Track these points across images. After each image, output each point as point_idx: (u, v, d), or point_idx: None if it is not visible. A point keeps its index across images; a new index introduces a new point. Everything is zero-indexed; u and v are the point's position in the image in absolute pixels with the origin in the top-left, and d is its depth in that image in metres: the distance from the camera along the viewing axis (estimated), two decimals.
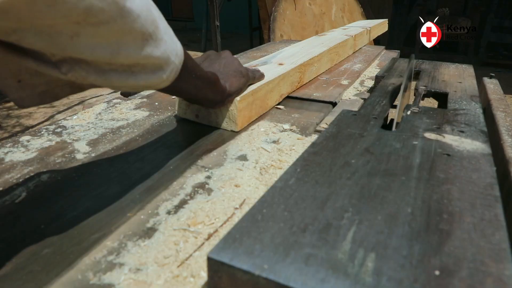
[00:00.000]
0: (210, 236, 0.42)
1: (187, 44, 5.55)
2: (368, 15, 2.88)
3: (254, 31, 4.79)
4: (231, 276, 0.30)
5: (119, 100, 0.85)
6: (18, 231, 0.43)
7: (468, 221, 0.34)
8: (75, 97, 3.31)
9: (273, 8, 2.39)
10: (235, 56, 0.86)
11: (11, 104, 3.07)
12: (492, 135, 0.61)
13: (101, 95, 3.38)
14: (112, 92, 3.42)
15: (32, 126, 2.69)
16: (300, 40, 1.28)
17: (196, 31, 6.36)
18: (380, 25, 1.82)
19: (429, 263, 0.29)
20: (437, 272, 0.28)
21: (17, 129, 2.63)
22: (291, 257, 0.30)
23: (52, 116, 2.86)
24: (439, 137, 0.51)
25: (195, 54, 4.98)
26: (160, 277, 0.36)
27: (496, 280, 0.28)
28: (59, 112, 2.95)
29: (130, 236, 0.42)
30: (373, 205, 0.36)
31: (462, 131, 0.53)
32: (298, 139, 0.65)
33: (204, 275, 0.36)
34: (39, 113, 2.93)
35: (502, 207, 0.36)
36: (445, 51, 5.19)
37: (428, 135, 0.51)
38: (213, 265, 0.30)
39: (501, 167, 0.52)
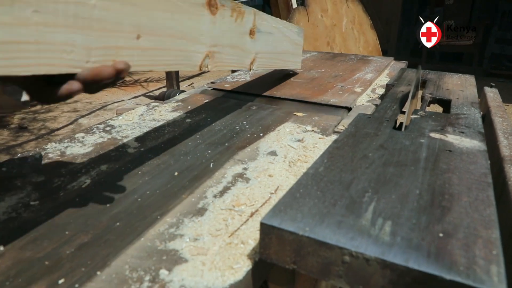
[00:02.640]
0: (252, 214, 0.51)
1: None
2: (377, 27, 2.98)
3: None
4: (279, 236, 0.39)
5: (157, 104, 0.95)
6: (89, 209, 0.52)
7: (465, 200, 0.42)
8: (97, 102, 3.43)
9: (287, 20, 2.51)
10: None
11: (37, 108, 3.20)
12: (491, 137, 0.70)
13: (122, 100, 3.49)
14: (132, 98, 3.55)
15: (57, 129, 2.80)
16: (313, 51, 1.38)
17: None
18: None
19: (433, 228, 0.38)
20: (440, 234, 0.37)
21: (43, 131, 2.74)
22: (326, 223, 0.39)
23: (75, 120, 2.98)
24: (442, 137, 0.59)
25: None
26: (215, 244, 0.45)
27: (485, 241, 0.36)
28: (82, 116, 3.06)
29: (185, 214, 0.51)
30: (388, 188, 0.45)
31: (463, 132, 0.62)
32: (319, 138, 0.74)
33: (251, 243, 0.45)
34: (63, 117, 3.05)
35: (493, 190, 0.44)
36: (451, 61, 5.29)
37: (433, 134, 0.60)
38: (265, 229, 0.39)
39: (497, 164, 0.61)
